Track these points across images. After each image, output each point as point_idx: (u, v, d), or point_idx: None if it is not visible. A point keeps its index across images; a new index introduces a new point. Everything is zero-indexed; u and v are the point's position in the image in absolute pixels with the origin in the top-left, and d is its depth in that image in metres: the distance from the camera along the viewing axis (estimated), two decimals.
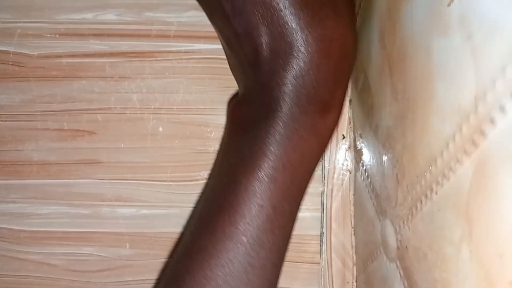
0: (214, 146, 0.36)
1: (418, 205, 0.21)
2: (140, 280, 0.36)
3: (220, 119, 0.36)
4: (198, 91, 0.36)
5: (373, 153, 0.29)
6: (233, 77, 0.36)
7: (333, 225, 0.36)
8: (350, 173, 0.36)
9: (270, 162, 0.23)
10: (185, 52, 0.36)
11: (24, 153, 0.36)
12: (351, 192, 0.36)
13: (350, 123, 0.36)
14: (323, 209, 0.36)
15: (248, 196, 0.23)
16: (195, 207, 0.36)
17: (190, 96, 0.36)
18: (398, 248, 0.24)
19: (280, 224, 0.24)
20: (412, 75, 0.21)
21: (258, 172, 0.23)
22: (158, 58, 0.36)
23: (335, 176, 0.36)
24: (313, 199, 0.36)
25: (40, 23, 0.36)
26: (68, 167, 0.36)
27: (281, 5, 0.22)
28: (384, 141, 0.26)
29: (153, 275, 0.36)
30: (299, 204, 0.26)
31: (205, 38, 0.36)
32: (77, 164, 0.36)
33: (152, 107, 0.36)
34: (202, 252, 0.24)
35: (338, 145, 0.36)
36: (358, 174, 0.34)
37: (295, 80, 0.23)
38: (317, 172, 0.36)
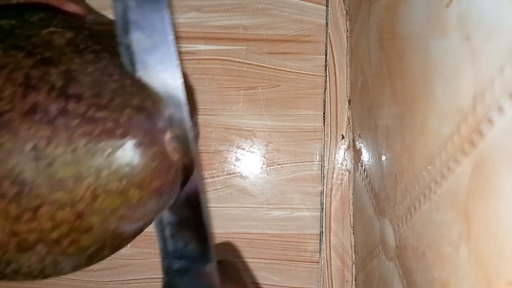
0: (214, 146, 0.36)
1: (417, 204, 0.21)
2: (141, 279, 0.36)
3: (220, 119, 0.36)
4: (198, 92, 0.36)
5: (372, 153, 0.29)
6: (232, 77, 0.36)
7: (333, 225, 0.36)
8: (349, 172, 0.36)
9: None
10: (185, 52, 0.36)
11: None
12: (350, 192, 0.36)
13: (349, 123, 0.36)
14: (323, 209, 0.36)
15: None
16: None
17: None
18: (397, 247, 0.24)
19: None
20: (410, 75, 0.21)
21: None
22: None
23: (335, 175, 0.36)
24: (312, 198, 0.36)
25: None
26: None
27: None
28: (383, 141, 0.26)
29: (154, 274, 0.36)
30: None
31: (206, 39, 0.36)
32: None
33: None
34: None
35: (338, 145, 0.36)
36: (357, 173, 0.34)
37: None
38: (317, 172, 0.36)
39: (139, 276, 0.36)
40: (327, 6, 0.36)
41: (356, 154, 0.34)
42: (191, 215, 0.22)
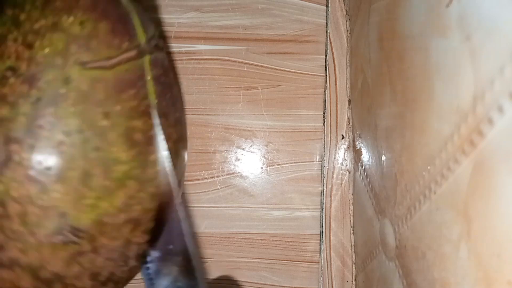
0: (214, 146, 0.36)
1: (417, 204, 0.21)
2: (141, 278, 0.36)
3: (220, 119, 0.36)
4: (198, 92, 0.36)
5: (372, 153, 0.29)
6: (232, 78, 0.36)
7: (333, 225, 0.36)
8: (349, 172, 0.36)
9: None
10: (185, 52, 0.36)
11: None
12: (350, 192, 0.36)
13: (349, 123, 0.36)
14: (323, 209, 0.36)
15: None
16: None
17: (190, 97, 0.36)
18: (397, 247, 0.24)
19: None
20: (410, 75, 0.21)
21: None
22: None
23: (335, 175, 0.36)
24: (312, 198, 0.36)
25: None
26: None
27: None
28: (383, 141, 0.26)
29: None
30: None
31: (205, 39, 0.36)
32: None
33: None
34: None
35: (338, 145, 0.36)
36: (357, 174, 0.34)
37: None
38: (317, 172, 0.36)
39: (139, 276, 0.36)
40: (327, 6, 0.36)
41: (356, 154, 0.34)
42: (175, 249, 0.21)
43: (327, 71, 0.36)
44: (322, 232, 0.36)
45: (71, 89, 0.18)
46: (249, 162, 0.36)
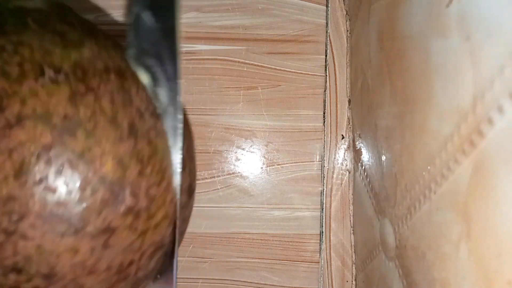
0: (214, 146, 0.36)
1: (417, 204, 0.21)
2: None
3: (220, 119, 0.36)
4: (198, 92, 0.36)
5: (372, 153, 0.29)
6: (232, 78, 0.36)
7: (333, 225, 0.36)
8: (349, 172, 0.36)
9: None
10: (185, 53, 0.36)
11: None
12: (350, 192, 0.36)
13: (349, 123, 0.36)
14: (323, 209, 0.36)
15: None
16: None
17: (190, 97, 0.36)
18: (397, 247, 0.24)
19: None
20: (410, 75, 0.21)
21: None
22: None
23: (334, 175, 0.36)
24: (312, 198, 0.36)
25: None
26: None
27: None
28: (383, 141, 0.26)
29: None
30: None
31: (206, 39, 0.36)
32: None
33: None
34: None
35: (338, 145, 0.36)
36: (357, 174, 0.34)
37: None
38: (317, 172, 0.36)
39: None
40: (327, 6, 0.36)
41: (356, 154, 0.34)
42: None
43: (327, 71, 0.36)
44: (322, 232, 0.36)
45: None
46: (249, 162, 0.36)
